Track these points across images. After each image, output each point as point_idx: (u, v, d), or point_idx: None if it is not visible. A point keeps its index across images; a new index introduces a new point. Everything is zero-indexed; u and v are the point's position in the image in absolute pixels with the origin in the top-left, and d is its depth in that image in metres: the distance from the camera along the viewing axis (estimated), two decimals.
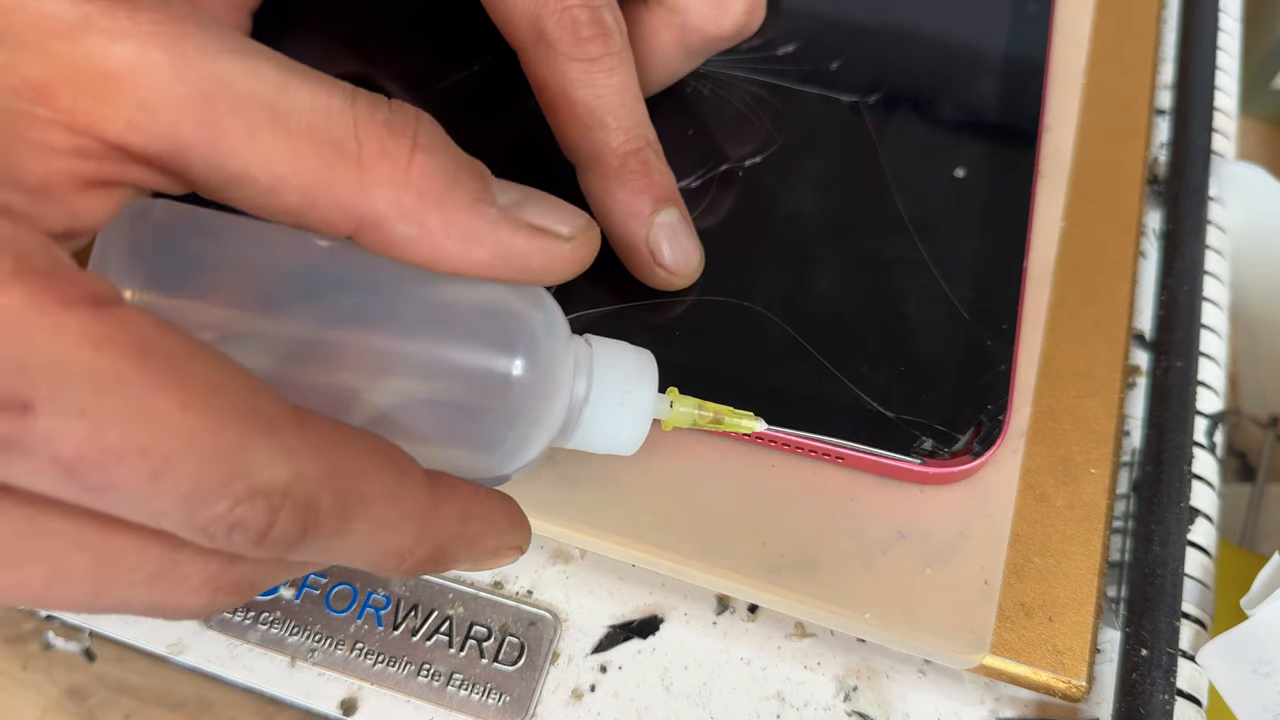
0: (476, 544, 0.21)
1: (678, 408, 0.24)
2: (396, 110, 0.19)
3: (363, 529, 0.18)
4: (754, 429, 0.25)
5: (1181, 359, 0.29)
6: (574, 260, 0.21)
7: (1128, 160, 0.32)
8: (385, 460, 0.18)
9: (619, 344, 0.23)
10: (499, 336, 0.20)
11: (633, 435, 0.23)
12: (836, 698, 0.27)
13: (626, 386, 0.23)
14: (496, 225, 0.20)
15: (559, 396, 0.22)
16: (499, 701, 0.27)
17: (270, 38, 0.31)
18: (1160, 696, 0.25)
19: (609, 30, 0.25)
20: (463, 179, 0.19)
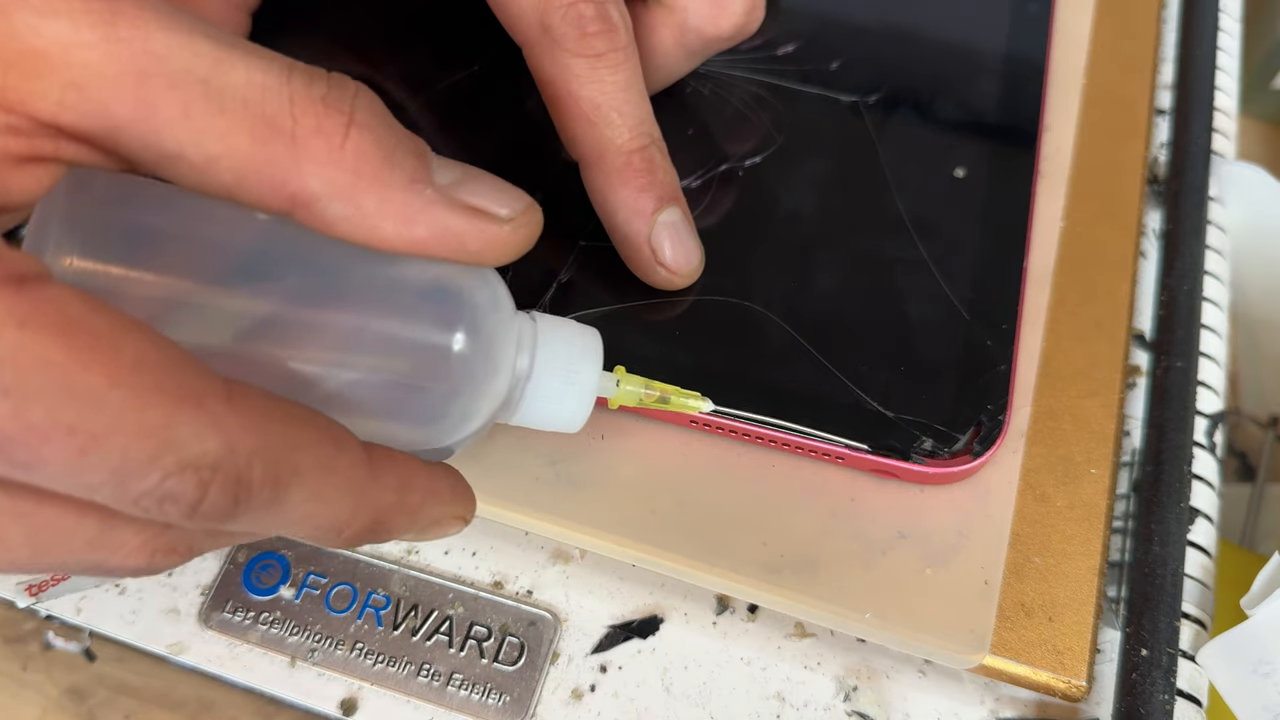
0: (417, 515, 0.21)
1: (624, 386, 0.24)
2: (334, 86, 0.19)
3: (297, 500, 0.18)
4: (701, 409, 0.25)
5: (1181, 359, 0.29)
6: (513, 242, 0.21)
7: (1128, 160, 0.32)
8: (319, 433, 0.18)
9: (565, 322, 0.23)
10: (440, 312, 0.20)
11: (576, 412, 0.23)
12: (836, 698, 0.27)
13: (570, 364, 0.23)
14: (433, 205, 0.19)
15: (500, 372, 0.22)
16: (499, 701, 0.27)
17: (270, 38, 0.31)
18: (1160, 696, 0.25)
19: (615, 26, 0.25)
20: (400, 157, 0.19)
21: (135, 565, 0.19)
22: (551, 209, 0.29)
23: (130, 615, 0.28)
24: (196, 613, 0.28)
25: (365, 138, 0.19)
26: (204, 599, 0.28)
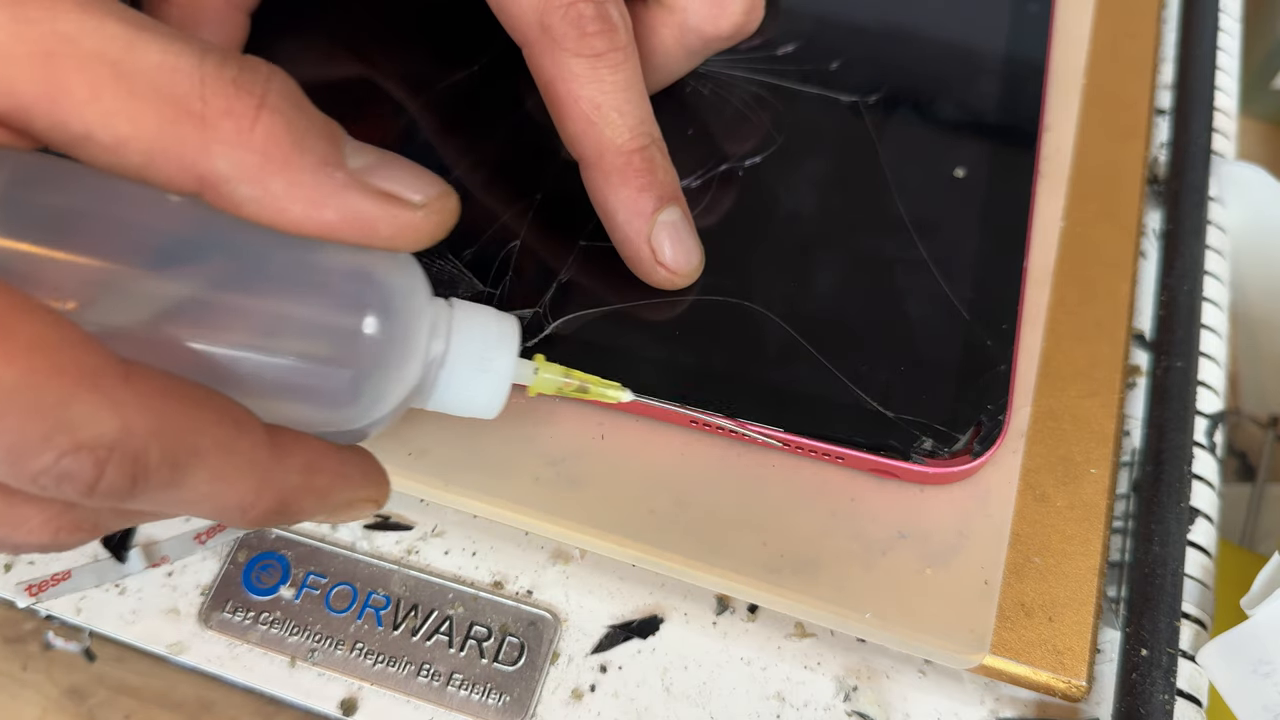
0: (326, 497, 0.21)
1: (542, 374, 0.24)
2: (247, 69, 0.19)
3: (198, 481, 0.18)
4: (620, 399, 0.25)
5: (1181, 359, 0.29)
6: (425, 228, 0.21)
7: (1128, 160, 0.32)
8: (219, 414, 0.18)
9: (482, 308, 0.23)
10: (350, 295, 0.20)
11: (491, 399, 0.23)
12: (836, 698, 0.27)
13: (485, 350, 0.23)
14: (343, 189, 0.19)
15: (412, 356, 0.22)
16: (499, 701, 0.27)
17: (270, 38, 0.31)
18: (1160, 696, 0.25)
19: (614, 25, 0.25)
20: (311, 141, 0.19)
21: (39, 542, 0.19)
22: (551, 209, 0.29)
23: (130, 615, 0.28)
24: (196, 613, 0.28)
25: (275, 120, 0.19)
26: (204, 599, 0.28)
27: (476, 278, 0.28)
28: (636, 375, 0.27)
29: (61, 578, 0.28)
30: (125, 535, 0.29)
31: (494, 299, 0.28)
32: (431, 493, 0.27)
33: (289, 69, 0.31)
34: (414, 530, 0.29)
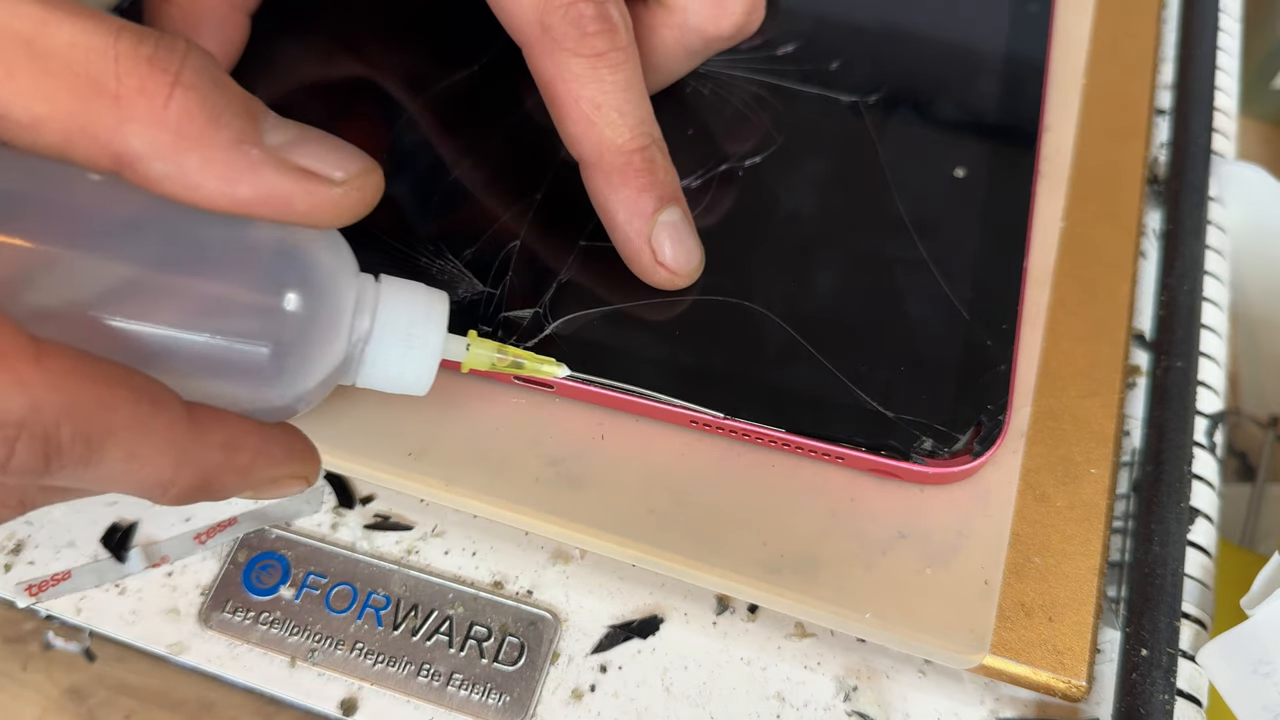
0: (249, 474, 0.21)
1: (475, 350, 0.24)
2: (162, 46, 0.19)
3: (114, 458, 0.18)
4: (556, 375, 0.25)
5: (1181, 359, 0.29)
6: (344, 204, 0.21)
7: (1128, 160, 0.32)
8: (134, 391, 0.18)
9: (412, 285, 0.23)
10: (271, 271, 0.21)
11: (418, 375, 0.23)
12: (836, 698, 0.27)
13: (411, 326, 0.23)
14: (259, 166, 0.19)
15: (336, 332, 0.22)
16: (499, 701, 0.27)
17: (270, 39, 0.31)
18: (1160, 696, 0.25)
19: (615, 25, 0.25)
20: (228, 118, 0.19)
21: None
22: (551, 209, 0.29)
23: (130, 615, 0.28)
24: (196, 613, 0.28)
25: (190, 97, 0.19)
26: (204, 599, 0.28)
27: (476, 278, 0.28)
28: (637, 375, 0.27)
29: (61, 578, 0.28)
30: (125, 536, 0.29)
31: (494, 299, 0.28)
32: (432, 493, 0.27)
33: (290, 70, 0.32)
34: (414, 530, 0.29)
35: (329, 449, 0.27)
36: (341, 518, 0.29)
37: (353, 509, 0.29)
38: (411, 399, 0.27)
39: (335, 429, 0.27)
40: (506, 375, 0.26)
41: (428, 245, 0.28)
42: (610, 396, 0.27)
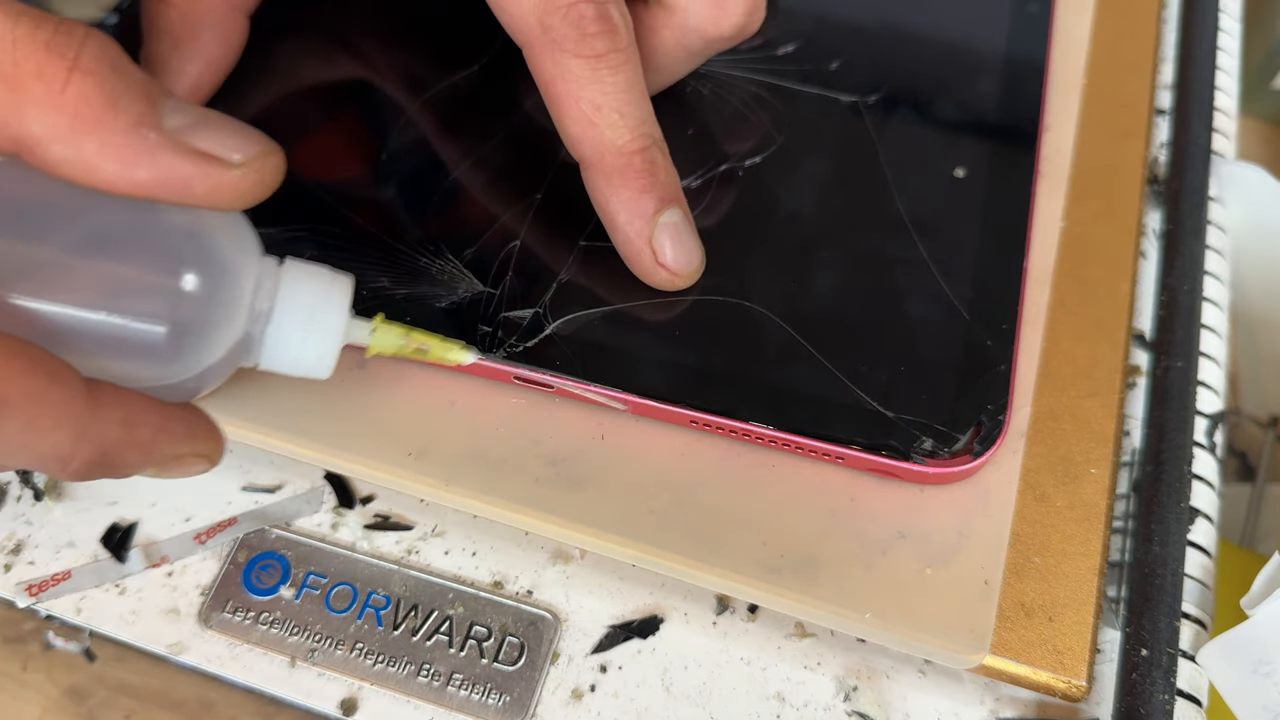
0: (150, 451, 0.21)
1: (380, 334, 0.24)
2: (60, 31, 0.19)
3: (10, 430, 0.19)
4: (463, 360, 0.25)
5: (1181, 359, 0.29)
6: (243, 187, 0.21)
7: (1128, 160, 0.32)
8: (30, 364, 0.19)
9: (314, 267, 0.24)
10: (169, 252, 0.21)
11: (319, 358, 0.24)
12: (836, 698, 0.27)
13: (312, 309, 0.23)
14: (157, 149, 0.20)
15: (233, 313, 0.22)
16: (499, 701, 0.27)
17: (270, 39, 0.31)
18: (1160, 696, 0.25)
19: (615, 26, 0.25)
20: (126, 102, 0.19)
21: None
22: (552, 209, 0.29)
23: (130, 615, 0.28)
24: (196, 613, 0.28)
25: (88, 82, 0.19)
26: (204, 599, 0.28)
27: (477, 278, 0.28)
28: (637, 375, 0.27)
29: (61, 578, 0.28)
30: (125, 536, 0.29)
31: (494, 299, 0.28)
32: (432, 493, 0.27)
33: (289, 71, 0.32)
34: (414, 530, 0.29)
35: (330, 449, 0.27)
36: (341, 518, 0.29)
37: (353, 509, 0.29)
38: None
39: (335, 429, 0.28)
40: (411, 359, 0.26)
41: (428, 245, 0.28)
42: (610, 397, 0.27)
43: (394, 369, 0.28)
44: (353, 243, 0.29)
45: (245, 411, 0.28)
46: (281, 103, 0.31)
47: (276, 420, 0.28)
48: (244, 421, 0.28)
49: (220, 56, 0.30)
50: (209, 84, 0.30)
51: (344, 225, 0.29)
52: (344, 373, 0.28)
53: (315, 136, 0.31)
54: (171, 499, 0.29)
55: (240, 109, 0.31)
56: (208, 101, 0.30)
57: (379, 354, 0.25)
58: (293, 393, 0.28)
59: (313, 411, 0.28)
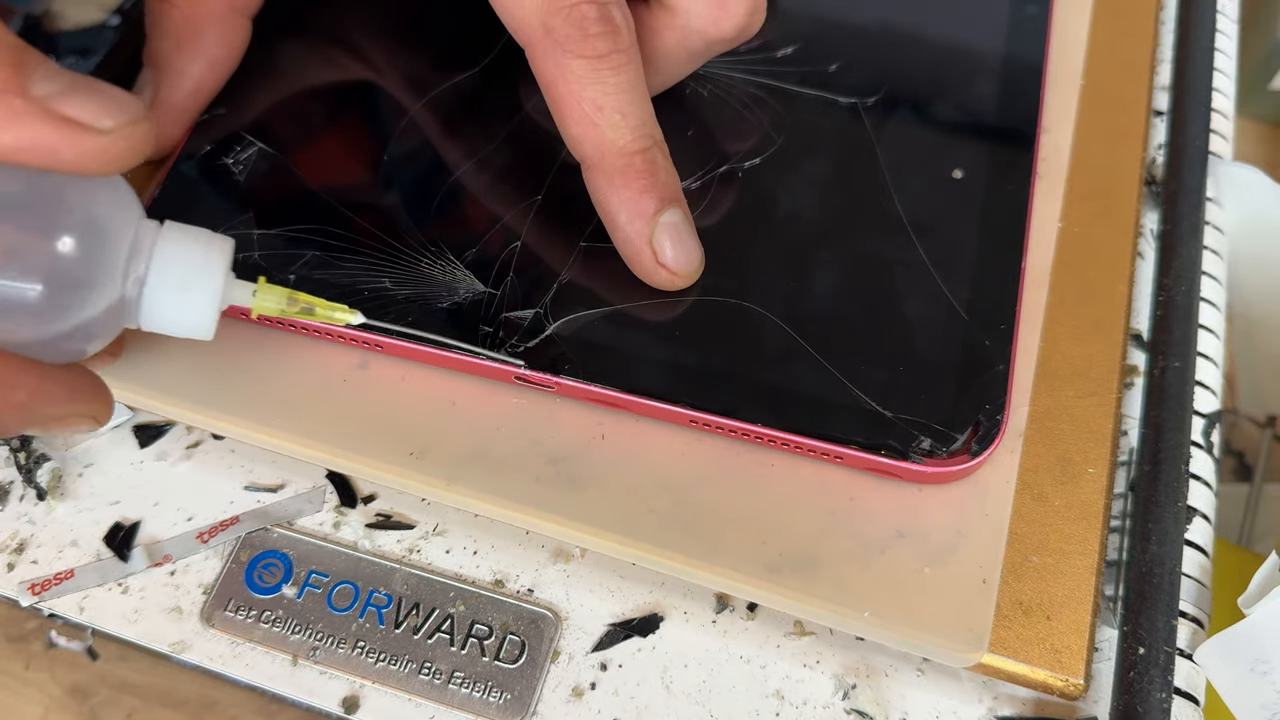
0: (29, 411, 0.22)
1: (262, 296, 0.25)
2: None
3: None
4: (350, 320, 0.25)
5: (1179, 359, 0.29)
6: (113, 153, 0.21)
7: (1125, 161, 0.32)
8: None
9: (194, 230, 0.24)
10: (43, 213, 0.21)
11: (199, 319, 0.24)
12: (835, 696, 0.27)
13: (189, 270, 0.23)
14: (23, 115, 0.20)
15: (108, 273, 0.22)
16: (500, 699, 0.27)
17: (271, 39, 0.32)
18: (1158, 695, 0.25)
19: (617, 27, 0.26)
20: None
21: None
22: (552, 210, 0.29)
23: (133, 614, 0.28)
24: (199, 611, 0.28)
25: None
26: (206, 598, 0.28)
27: (478, 278, 0.28)
28: (637, 375, 0.27)
29: (64, 576, 0.28)
30: (128, 535, 0.29)
31: (495, 299, 0.28)
32: (433, 492, 0.27)
33: (291, 72, 0.32)
34: (415, 529, 0.29)
35: (332, 448, 0.27)
36: (344, 517, 0.29)
37: (355, 508, 0.29)
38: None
39: (337, 429, 0.28)
40: (297, 321, 0.26)
41: (429, 246, 0.29)
42: (608, 396, 0.27)
43: (395, 370, 0.28)
44: (354, 244, 0.29)
45: (247, 411, 0.28)
46: (283, 104, 0.31)
47: (279, 420, 0.28)
48: (246, 421, 0.28)
49: (222, 57, 0.30)
50: (211, 84, 0.30)
51: (345, 226, 0.29)
52: (346, 373, 0.28)
53: (316, 137, 0.31)
54: (174, 498, 0.29)
55: (242, 110, 0.31)
56: (210, 102, 0.31)
57: (263, 315, 0.25)
58: (294, 393, 0.28)
59: (315, 411, 0.28)
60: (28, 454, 0.30)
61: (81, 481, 0.30)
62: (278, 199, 0.30)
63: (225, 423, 0.28)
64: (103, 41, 0.38)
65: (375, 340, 0.28)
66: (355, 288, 0.28)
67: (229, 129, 0.31)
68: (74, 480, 0.30)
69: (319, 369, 0.28)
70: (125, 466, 0.30)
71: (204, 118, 0.31)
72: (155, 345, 0.29)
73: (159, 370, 0.28)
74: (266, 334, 0.29)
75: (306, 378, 0.28)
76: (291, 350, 0.29)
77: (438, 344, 0.27)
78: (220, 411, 0.28)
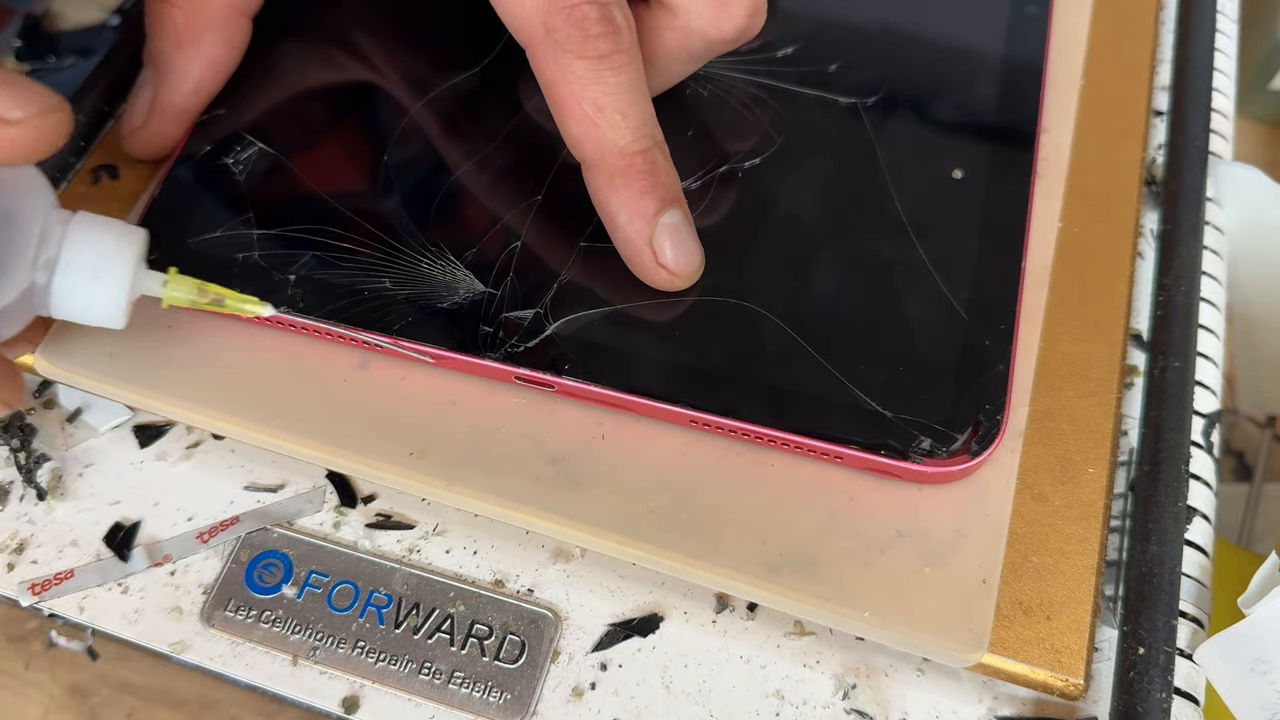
0: None
1: (173, 286, 0.25)
2: None
3: None
4: (260, 312, 0.26)
5: (1178, 359, 0.29)
6: (23, 142, 0.22)
7: (1125, 161, 0.32)
8: None
9: (106, 220, 0.25)
10: None
11: (108, 307, 0.24)
12: (835, 695, 0.27)
13: (99, 259, 0.24)
14: None
15: (16, 261, 0.23)
16: (500, 699, 0.27)
17: (271, 40, 0.32)
18: (1157, 695, 0.25)
19: (618, 28, 0.26)
20: None
21: None
22: (553, 210, 0.29)
23: (133, 614, 0.28)
24: (199, 611, 0.28)
25: None
26: (206, 598, 0.28)
27: (478, 278, 0.28)
28: (637, 375, 0.27)
29: (64, 576, 0.28)
30: (128, 535, 0.29)
31: (495, 300, 0.28)
32: (433, 492, 0.27)
33: (291, 72, 0.32)
34: (416, 529, 0.29)
35: (332, 448, 0.27)
36: (344, 517, 0.29)
37: (355, 508, 0.29)
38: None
39: (337, 429, 0.28)
40: (209, 311, 0.27)
41: (429, 246, 0.29)
42: (608, 396, 0.27)
43: (395, 370, 0.28)
44: (354, 244, 0.29)
45: (247, 411, 0.28)
46: (283, 104, 0.31)
47: (279, 420, 0.28)
48: (246, 421, 0.28)
49: (223, 57, 0.30)
50: (211, 84, 0.30)
51: (345, 226, 0.29)
52: (346, 373, 0.28)
53: (316, 138, 0.31)
54: (174, 498, 0.29)
55: (242, 110, 0.31)
56: (210, 102, 0.31)
57: (174, 305, 0.25)
58: (294, 393, 0.28)
59: (315, 411, 0.28)
60: (28, 454, 0.30)
61: (81, 481, 0.30)
62: (278, 199, 0.30)
63: (225, 423, 0.28)
64: (103, 41, 0.38)
65: (376, 340, 0.28)
66: (355, 288, 0.28)
67: (229, 129, 0.31)
68: (74, 480, 0.30)
69: (319, 369, 0.29)
70: (125, 466, 0.30)
71: (204, 118, 0.31)
72: (155, 346, 0.29)
73: (159, 370, 0.28)
74: (267, 334, 0.29)
75: (306, 378, 0.28)
76: (291, 350, 0.29)
77: (358, 331, 0.27)
78: (220, 411, 0.28)
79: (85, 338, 0.29)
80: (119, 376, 0.28)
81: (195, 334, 0.29)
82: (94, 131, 0.33)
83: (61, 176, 0.32)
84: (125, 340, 0.29)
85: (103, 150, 0.32)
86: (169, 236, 0.29)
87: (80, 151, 0.32)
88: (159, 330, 0.29)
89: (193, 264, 0.27)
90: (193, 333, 0.29)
